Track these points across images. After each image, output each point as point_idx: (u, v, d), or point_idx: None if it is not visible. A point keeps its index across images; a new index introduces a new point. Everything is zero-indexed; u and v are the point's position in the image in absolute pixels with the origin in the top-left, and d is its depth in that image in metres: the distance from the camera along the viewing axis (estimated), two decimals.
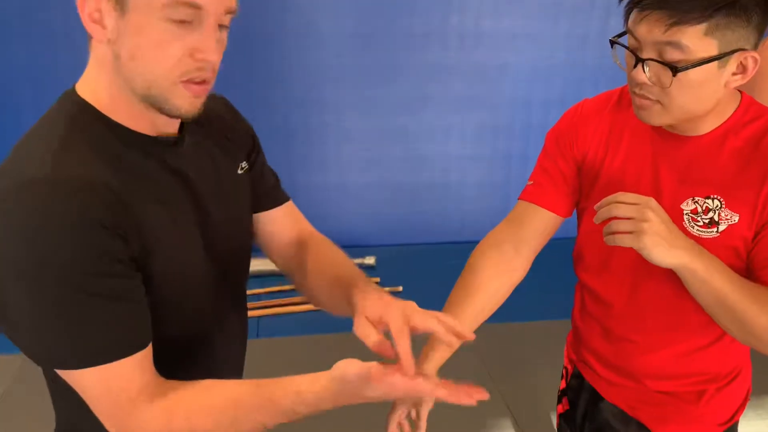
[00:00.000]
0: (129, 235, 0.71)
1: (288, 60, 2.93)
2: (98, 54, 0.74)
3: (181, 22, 0.70)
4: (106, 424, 0.73)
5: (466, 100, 3.13)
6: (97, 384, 0.71)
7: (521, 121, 3.22)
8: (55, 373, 0.74)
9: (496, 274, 1.10)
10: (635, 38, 0.88)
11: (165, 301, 0.78)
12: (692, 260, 0.87)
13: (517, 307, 1.14)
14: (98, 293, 0.68)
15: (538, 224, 1.10)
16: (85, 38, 0.75)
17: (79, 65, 0.79)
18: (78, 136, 0.73)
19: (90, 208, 0.68)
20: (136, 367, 0.72)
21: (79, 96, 0.76)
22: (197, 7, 0.70)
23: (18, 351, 0.72)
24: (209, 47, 0.72)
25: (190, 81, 0.73)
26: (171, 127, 0.81)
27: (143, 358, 0.73)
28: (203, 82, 0.74)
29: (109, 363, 0.70)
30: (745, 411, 1.14)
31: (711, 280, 0.88)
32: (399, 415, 1.03)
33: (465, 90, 3.10)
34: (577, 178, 1.10)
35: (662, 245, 0.85)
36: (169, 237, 0.78)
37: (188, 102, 0.74)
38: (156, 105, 0.74)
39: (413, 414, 1.03)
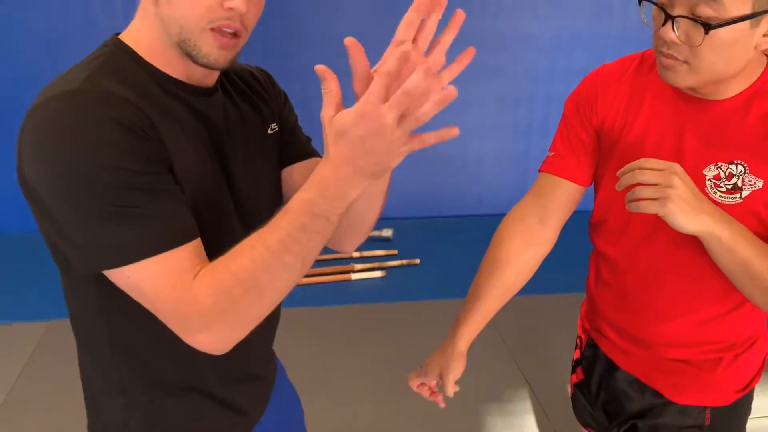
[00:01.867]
0: (159, 145, 0.74)
1: (306, 29, 2.91)
2: (145, 2, 0.79)
3: None
4: (168, 322, 0.73)
5: (487, 70, 3.08)
6: (158, 276, 0.71)
7: (542, 92, 3.17)
8: (90, 359, 0.74)
9: (524, 248, 1.09)
10: None
11: None
12: (718, 227, 0.85)
13: (532, 279, 1.13)
14: (139, 187, 0.70)
15: (561, 196, 1.09)
16: (102, 7, 0.76)
17: (94, 35, 0.81)
18: (111, 68, 0.77)
19: (119, 112, 0.71)
20: (192, 256, 0.73)
21: (120, 40, 0.81)
22: None
23: (41, 318, 0.72)
24: None
25: (219, 30, 0.77)
26: (207, 80, 0.85)
27: (196, 247, 0.74)
28: (234, 35, 0.78)
29: (168, 251, 0.71)
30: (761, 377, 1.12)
31: (736, 247, 0.86)
32: (423, 380, 1.07)
33: (485, 60, 3.05)
34: (598, 146, 1.07)
35: (688, 211, 0.83)
36: (194, 166, 0.80)
37: (215, 51, 0.77)
38: (187, 51, 0.78)
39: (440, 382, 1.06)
